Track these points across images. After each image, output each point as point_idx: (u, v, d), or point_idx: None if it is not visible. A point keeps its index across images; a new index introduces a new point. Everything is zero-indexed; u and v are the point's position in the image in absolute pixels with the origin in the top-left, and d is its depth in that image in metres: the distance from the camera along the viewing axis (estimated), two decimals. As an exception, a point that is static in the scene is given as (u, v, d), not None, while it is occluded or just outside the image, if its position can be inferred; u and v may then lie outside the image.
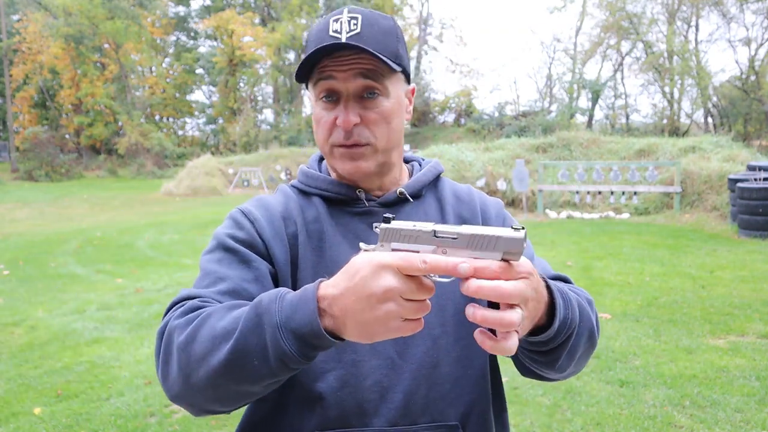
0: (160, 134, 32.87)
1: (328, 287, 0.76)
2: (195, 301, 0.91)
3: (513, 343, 0.74)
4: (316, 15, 36.15)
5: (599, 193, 13.20)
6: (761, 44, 27.45)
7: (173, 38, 42.48)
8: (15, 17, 35.76)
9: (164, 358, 0.88)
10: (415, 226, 0.75)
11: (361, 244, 0.80)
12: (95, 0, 31.08)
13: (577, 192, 12.97)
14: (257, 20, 37.19)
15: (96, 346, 5.07)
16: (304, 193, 1.12)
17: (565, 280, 1.06)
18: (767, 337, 4.80)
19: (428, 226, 0.75)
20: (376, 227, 1.08)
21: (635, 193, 12.48)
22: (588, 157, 14.71)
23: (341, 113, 1.01)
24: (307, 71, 1.02)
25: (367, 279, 0.72)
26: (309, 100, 1.13)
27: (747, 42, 27.32)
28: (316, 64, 1.00)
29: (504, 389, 1.15)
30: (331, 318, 0.76)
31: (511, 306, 0.73)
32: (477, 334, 0.75)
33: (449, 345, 1.04)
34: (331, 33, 0.99)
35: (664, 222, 11.40)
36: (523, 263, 0.74)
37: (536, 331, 0.85)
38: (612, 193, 12.79)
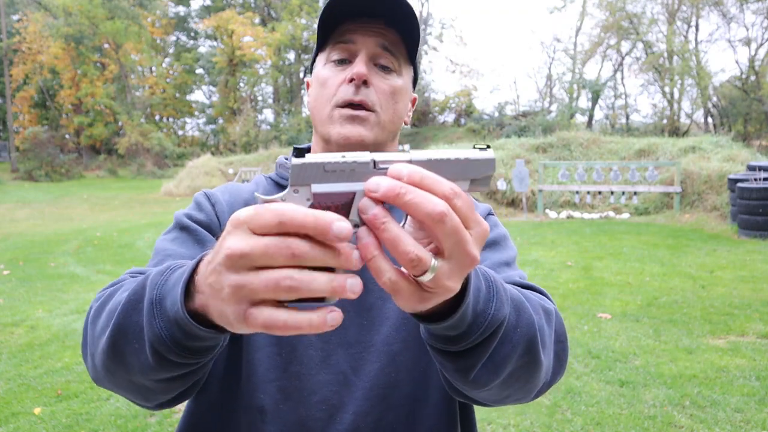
0: (160, 134, 32.89)
1: (207, 255, 0.57)
2: (125, 276, 0.83)
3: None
4: (315, 15, 36.18)
5: (599, 193, 13.20)
6: (761, 44, 27.50)
7: (173, 38, 42.54)
8: (15, 17, 35.76)
9: (83, 336, 0.79)
10: (344, 157, 0.53)
11: (257, 195, 0.55)
12: (95, 0, 31.10)
13: (577, 192, 12.96)
14: (257, 20, 37.22)
15: (96, 346, 5.07)
16: (278, 185, 1.06)
17: (539, 291, 0.91)
18: (767, 337, 4.80)
19: (366, 156, 0.54)
20: (287, 165, 0.98)
21: (635, 193, 12.48)
22: (588, 157, 14.71)
23: (354, 67, 0.92)
24: (325, 32, 0.93)
25: (222, 240, 0.52)
26: (313, 77, 1.01)
27: (747, 42, 27.36)
28: (337, 26, 0.93)
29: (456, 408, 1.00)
30: (201, 295, 0.57)
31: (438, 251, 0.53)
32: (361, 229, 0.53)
33: (409, 362, 0.93)
34: None
35: (664, 222, 11.40)
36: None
37: (437, 317, 0.62)
38: (612, 193, 12.78)
